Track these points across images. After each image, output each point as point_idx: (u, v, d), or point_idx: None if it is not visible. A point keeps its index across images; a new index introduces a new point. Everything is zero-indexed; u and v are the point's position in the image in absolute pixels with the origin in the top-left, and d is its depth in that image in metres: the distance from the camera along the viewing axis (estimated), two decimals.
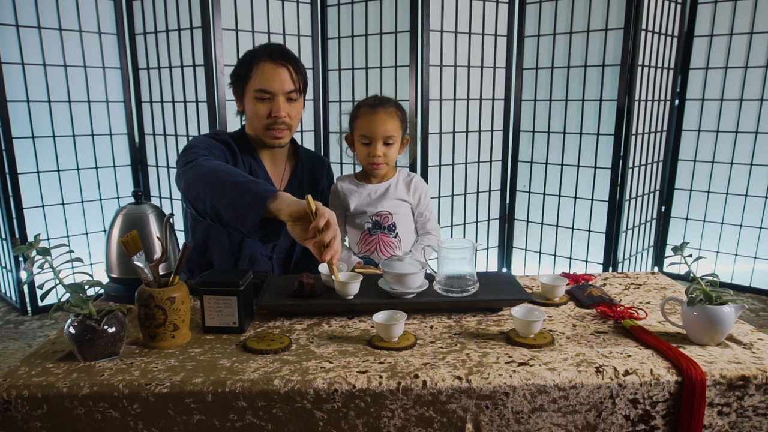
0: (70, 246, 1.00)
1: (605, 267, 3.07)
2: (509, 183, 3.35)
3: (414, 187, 1.64)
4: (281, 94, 1.49)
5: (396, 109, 1.58)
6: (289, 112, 1.52)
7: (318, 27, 3.05)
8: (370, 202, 1.61)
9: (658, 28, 2.97)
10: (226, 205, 1.17)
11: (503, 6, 3.04)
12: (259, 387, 0.90)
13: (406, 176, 1.66)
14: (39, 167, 2.90)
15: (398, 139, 1.57)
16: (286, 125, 1.52)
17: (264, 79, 1.47)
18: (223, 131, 1.60)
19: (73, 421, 0.90)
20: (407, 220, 1.64)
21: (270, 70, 1.48)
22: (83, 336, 0.95)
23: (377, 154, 1.55)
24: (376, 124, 1.54)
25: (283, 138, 1.55)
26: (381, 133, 1.54)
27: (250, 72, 1.49)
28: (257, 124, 1.52)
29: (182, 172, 1.32)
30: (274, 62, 1.48)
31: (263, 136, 1.54)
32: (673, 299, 1.16)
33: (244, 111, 1.56)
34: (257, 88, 1.48)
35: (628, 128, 2.90)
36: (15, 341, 2.68)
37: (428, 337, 1.08)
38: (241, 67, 1.51)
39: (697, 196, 3.38)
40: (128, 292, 1.19)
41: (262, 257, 1.62)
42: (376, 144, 1.54)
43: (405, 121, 1.60)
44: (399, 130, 1.57)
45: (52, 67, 2.87)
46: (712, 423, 0.94)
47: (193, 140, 1.51)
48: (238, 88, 1.54)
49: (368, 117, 1.55)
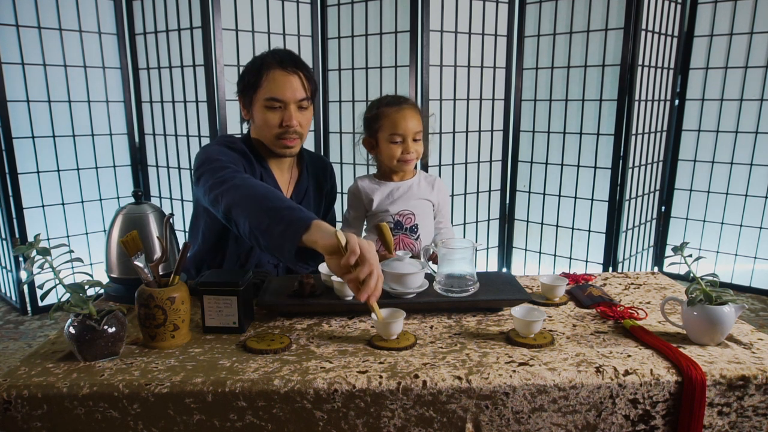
0: (70, 246, 1.00)
1: (605, 267, 3.07)
2: (509, 183, 3.35)
3: (438, 188, 1.64)
4: (293, 102, 1.45)
5: (416, 105, 1.61)
6: (301, 120, 1.48)
7: (318, 27, 3.05)
8: (392, 200, 1.58)
9: (658, 28, 2.97)
10: (264, 231, 1.13)
11: (503, 6, 3.04)
12: (259, 387, 0.90)
13: (427, 176, 1.67)
14: (39, 167, 2.90)
15: (423, 135, 1.60)
16: (298, 134, 1.49)
17: (275, 87, 1.43)
18: (235, 138, 1.56)
19: (73, 421, 0.90)
20: (429, 222, 1.62)
21: (281, 77, 1.44)
22: (83, 336, 0.95)
23: (410, 150, 1.54)
24: (407, 121, 1.53)
25: (294, 147, 1.51)
26: (412, 130, 1.54)
27: (260, 80, 1.44)
28: (268, 134, 1.48)
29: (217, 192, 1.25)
30: (285, 70, 1.44)
31: (274, 146, 1.50)
32: (673, 299, 1.16)
33: (251, 119, 1.52)
34: (268, 96, 1.44)
35: (628, 128, 2.90)
36: (15, 341, 2.68)
37: (428, 337, 1.08)
38: (250, 75, 1.46)
39: (697, 196, 3.38)
40: (128, 292, 1.19)
41: (268, 264, 1.61)
42: (408, 140, 1.54)
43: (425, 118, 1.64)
44: (421, 126, 1.59)
45: (52, 67, 2.87)
46: (712, 423, 0.94)
47: (212, 150, 1.43)
48: (246, 96, 1.49)
49: (397, 115, 1.54)
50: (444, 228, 1.68)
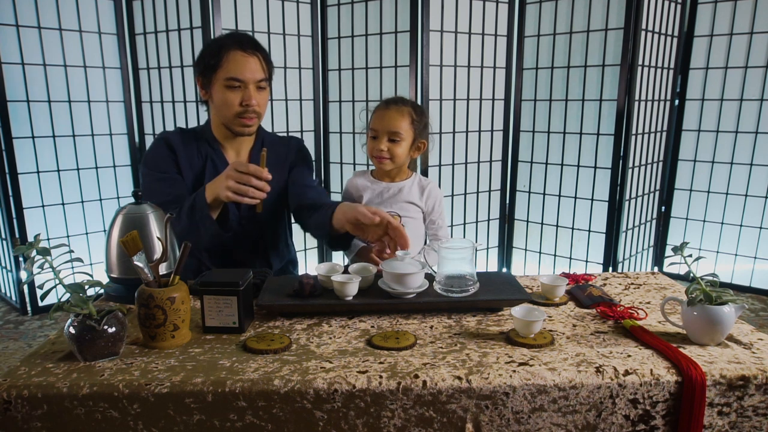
0: (70, 246, 1.00)
1: (605, 267, 3.07)
2: (509, 183, 3.35)
3: (428, 194, 1.66)
4: (252, 82, 1.50)
5: (412, 109, 1.62)
6: (259, 100, 1.53)
7: (318, 27, 3.05)
8: (381, 200, 1.63)
9: (658, 28, 2.97)
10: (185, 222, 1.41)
11: (503, 6, 3.04)
12: (259, 387, 0.90)
13: (421, 181, 1.70)
14: (39, 167, 2.90)
15: (407, 138, 1.60)
16: (256, 113, 1.54)
17: (235, 67, 1.48)
18: (171, 132, 1.62)
19: (73, 421, 0.90)
20: (416, 225, 1.65)
21: (241, 58, 1.48)
22: (83, 336, 0.95)
23: (380, 147, 1.58)
24: (384, 120, 1.59)
25: (252, 126, 1.56)
26: (386, 128, 1.58)
27: (220, 60, 1.48)
28: (227, 113, 1.52)
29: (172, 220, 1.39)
30: (245, 51, 1.49)
31: (233, 125, 1.54)
32: (673, 299, 1.16)
33: (209, 100, 1.56)
34: (228, 76, 1.48)
35: (628, 128, 2.90)
36: (15, 341, 2.68)
37: (428, 337, 1.08)
38: (209, 56, 1.50)
39: (697, 196, 3.38)
40: (128, 292, 1.19)
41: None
42: (381, 138, 1.58)
43: (420, 123, 1.63)
44: (409, 130, 1.60)
45: (52, 67, 2.87)
46: (712, 423, 0.94)
47: (144, 162, 1.59)
48: (205, 77, 1.53)
49: (379, 112, 1.61)
50: (440, 229, 1.70)
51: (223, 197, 1.38)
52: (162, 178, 1.54)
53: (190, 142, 1.59)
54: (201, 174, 1.57)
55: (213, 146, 1.59)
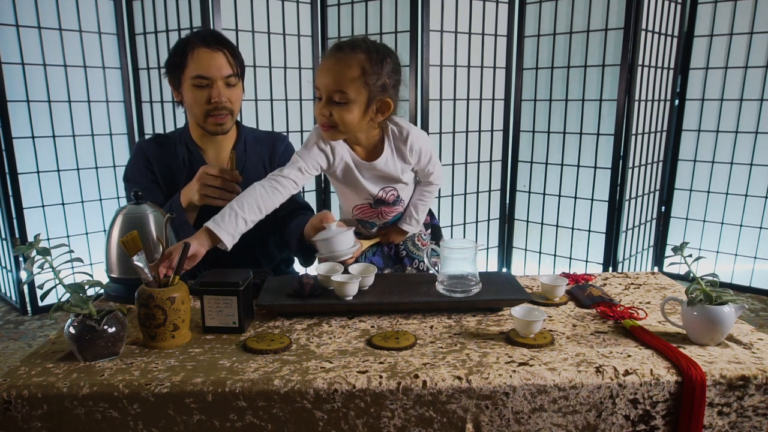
0: (70, 246, 1.00)
1: (605, 267, 3.07)
2: (509, 183, 3.35)
3: (409, 149, 1.31)
4: (219, 79, 1.47)
5: (366, 57, 1.18)
6: (230, 96, 1.50)
7: (318, 27, 3.05)
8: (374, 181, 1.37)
9: (658, 28, 2.97)
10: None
11: (503, 6, 3.04)
12: (259, 387, 0.90)
13: (395, 141, 1.31)
14: (39, 167, 2.90)
15: (357, 99, 1.19)
16: (228, 110, 1.50)
17: (200, 65, 1.46)
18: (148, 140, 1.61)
19: (73, 421, 0.90)
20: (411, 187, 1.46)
21: (206, 55, 1.46)
22: (83, 336, 0.95)
23: (323, 113, 1.21)
24: (327, 74, 1.20)
25: (226, 124, 1.53)
26: (328, 87, 1.19)
27: (186, 59, 1.46)
28: (197, 112, 1.50)
29: None
30: (210, 47, 1.46)
31: (204, 124, 1.52)
32: (673, 299, 1.16)
33: (182, 101, 1.54)
34: (194, 74, 1.46)
35: (628, 128, 2.90)
36: (15, 341, 2.68)
37: (428, 337, 1.08)
38: (175, 56, 1.49)
39: (697, 196, 3.38)
40: (128, 292, 1.19)
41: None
42: (324, 99, 1.21)
43: (378, 76, 1.19)
44: (361, 88, 1.18)
45: (52, 67, 2.87)
46: (712, 423, 0.94)
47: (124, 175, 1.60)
48: (174, 77, 1.51)
49: (323, 63, 1.23)
50: (430, 174, 1.42)
51: (197, 201, 1.42)
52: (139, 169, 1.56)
53: (168, 148, 1.57)
54: (180, 179, 1.55)
55: (191, 149, 1.57)
